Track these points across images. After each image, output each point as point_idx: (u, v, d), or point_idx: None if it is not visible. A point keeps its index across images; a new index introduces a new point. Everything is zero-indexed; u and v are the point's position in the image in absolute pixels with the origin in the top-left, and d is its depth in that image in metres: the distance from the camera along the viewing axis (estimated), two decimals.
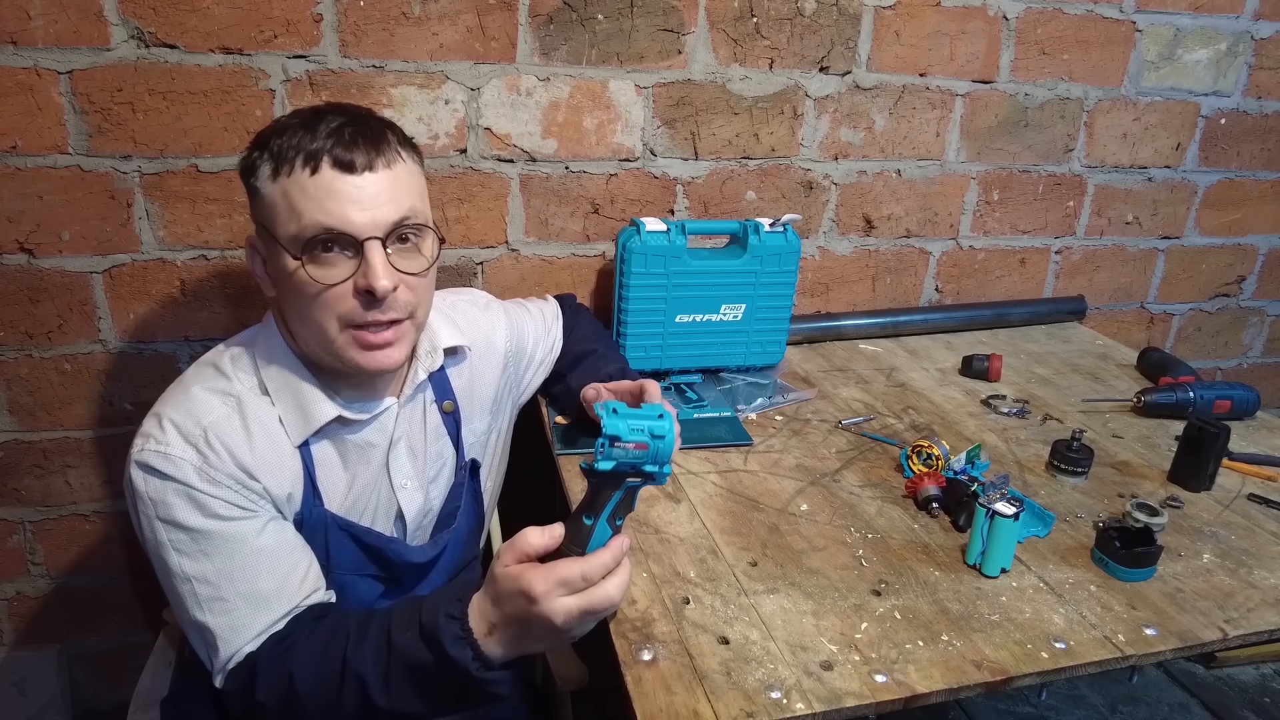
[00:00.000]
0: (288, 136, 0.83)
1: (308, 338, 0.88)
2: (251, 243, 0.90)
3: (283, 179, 0.82)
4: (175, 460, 0.82)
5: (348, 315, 0.84)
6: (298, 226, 0.82)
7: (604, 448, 0.73)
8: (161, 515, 0.83)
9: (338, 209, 0.81)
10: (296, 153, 0.82)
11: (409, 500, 0.99)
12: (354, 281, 0.83)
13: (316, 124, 0.83)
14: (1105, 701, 1.79)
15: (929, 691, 0.78)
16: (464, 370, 1.06)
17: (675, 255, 1.31)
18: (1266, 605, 0.92)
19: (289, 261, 0.83)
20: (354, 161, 0.82)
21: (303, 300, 0.84)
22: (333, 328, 0.85)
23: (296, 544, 0.89)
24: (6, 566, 1.44)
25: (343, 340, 0.86)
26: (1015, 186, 1.70)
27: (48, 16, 1.15)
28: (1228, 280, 1.95)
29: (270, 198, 0.83)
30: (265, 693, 0.80)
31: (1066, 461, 1.15)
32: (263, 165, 0.84)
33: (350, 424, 0.94)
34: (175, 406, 0.86)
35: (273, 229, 0.84)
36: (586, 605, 0.71)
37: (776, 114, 1.49)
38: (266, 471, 0.87)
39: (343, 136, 0.82)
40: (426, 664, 0.76)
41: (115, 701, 1.55)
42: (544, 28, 1.33)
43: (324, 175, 0.81)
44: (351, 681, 0.78)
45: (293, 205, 0.82)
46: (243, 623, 0.82)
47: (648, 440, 0.73)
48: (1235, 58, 1.71)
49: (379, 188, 0.83)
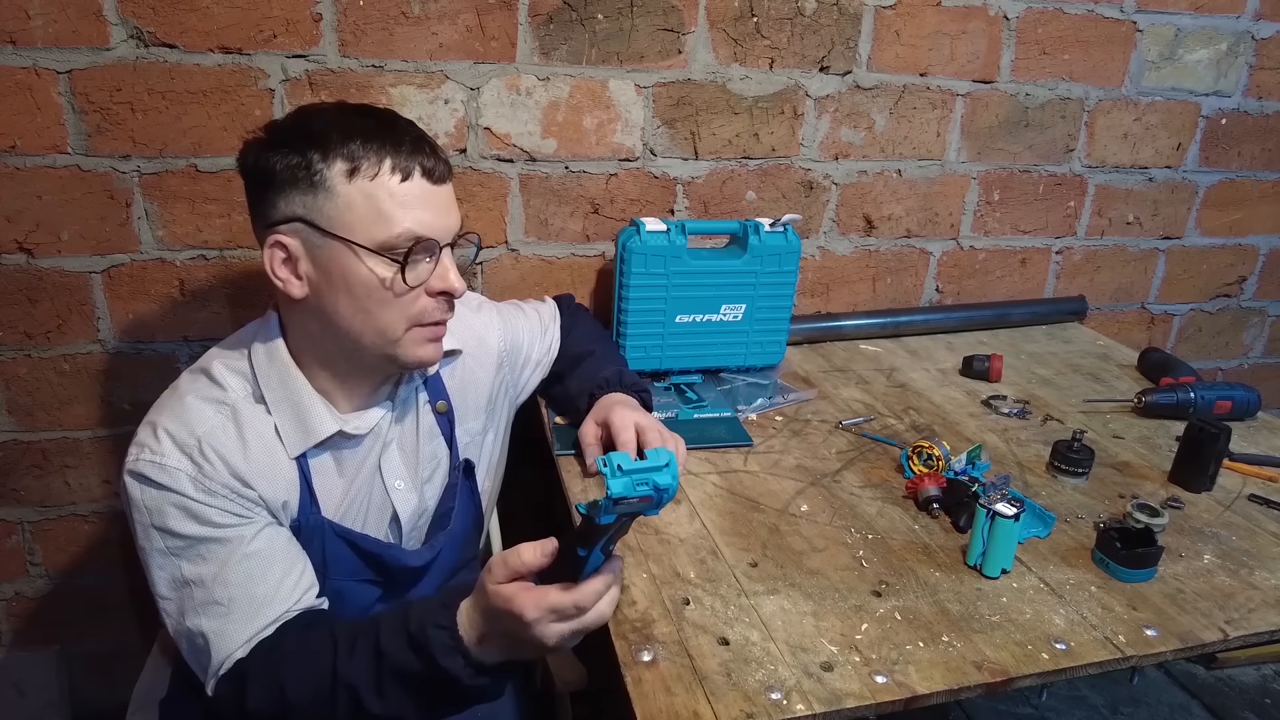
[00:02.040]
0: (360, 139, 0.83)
1: (362, 335, 0.88)
2: (280, 242, 0.85)
3: (362, 180, 0.83)
4: (170, 470, 0.83)
5: (421, 314, 0.89)
6: (390, 232, 0.84)
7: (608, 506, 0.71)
8: (156, 524, 0.83)
9: (428, 217, 0.86)
10: (378, 155, 0.83)
11: (403, 501, 0.99)
12: (429, 284, 0.88)
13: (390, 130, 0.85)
14: (1106, 702, 1.79)
15: (929, 692, 0.78)
16: (457, 371, 1.07)
17: (675, 255, 1.31)
18: (1267, 606, 0.92)
19: (368, 261, 0.84)
20: (438, 172, 0.87)
21: (374, 301, 0.86)
22: (401, 327, 0.88)
23: (290, 549, 0.89)
24: (5, 567, 1.44)
25: (409, 338, 0.90)
26: (1016, 186, 1.70)
27: (47, 16, 1.15)
28: (1228, 280, 1.95)
29: (346, 197, 0.83)
30: (256, 702, 0.80)
31: (1067, 462, 1.15)
32: (328, 164, 0.83)
33: (350, 437, 0.94)
34: (170, 415, 0.86)
35: (347, 231, 0.84)
36: (579, 628, 0.73)
37: (777, 114, 1.49)
38: (262, 479, 0.87)
39: (423, 148, 0.87)
40: (417, 672, 0.76)
41: (114, 702, 1.54)
42: (544, 27, 1.33)
43: (415, 183, 0.85)
44: (343, 691, 0.78)
45: (380, 209, 0.83)
46: (235, 627, 0.82)
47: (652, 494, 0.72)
48: (1236, 58, 1.71)
49: (450, 197, 0.90)
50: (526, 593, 0.72)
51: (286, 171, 0.83)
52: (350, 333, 0.88)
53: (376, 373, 0.95)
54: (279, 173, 0.83)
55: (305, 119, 0.87)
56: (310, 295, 0.87)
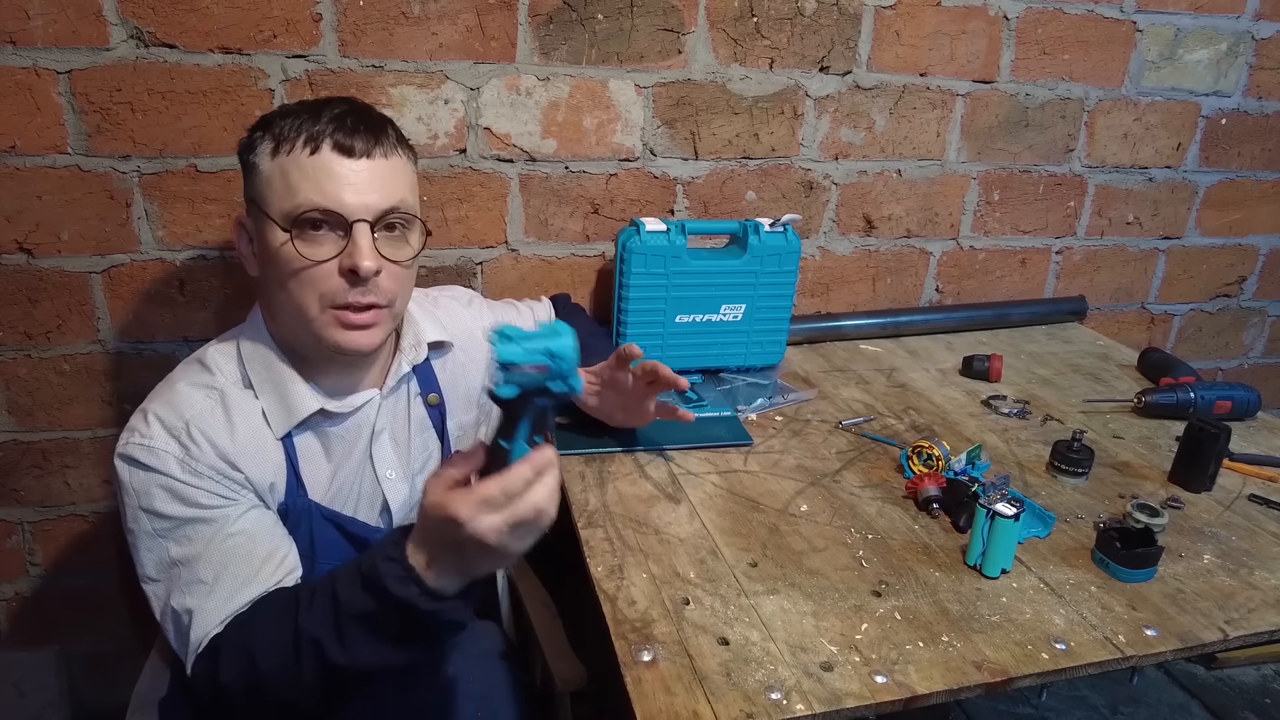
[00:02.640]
0: (291, 119, 0.86)
1: (288, 317, 0.90)
2: (241, 221, 0.93)
3: (281, 156, 0.85)
4: (158, 453, 0.84)
5: (330, 294, 0.87)
6: (291, 203, 0.85)
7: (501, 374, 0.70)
8: (144, 505, 0.84)
9: (332, 189, 0.85)
10: (298, 133, 0.85)
11: (394, 491, 1.00)
12: (339, 261, 0.86)
13: (321, 110, 0.87)
14: (1106, 702, 1.79)
15: (929, 692, 0.77)
16: (448, 364, 1.08)
17: (675, 255, 1.31)
18: (1267, 606, 0.92)
19: (278, 235, 0.86)
20: (353, 146, 0.86)
21: (287, 276, 0.87)
22: (314, 306, 0.87)
23: (275, 531, 0.90)
24: (5, 567, 1.44)
25: (323, 319, 0.88)
26: (1016, 186, 1.70)
27: (47, 16, 1.15)
28: (1228, 280, 1.95)
29: (267, 174, 0.86)
30: (228, 674, 0.80)
31: (1067, 462, 1.15)
32: (263, 143, 0.87)
33: (333, 416, 0.95)
34: (160, 401, 0.88)
35: (266, 205, 0.87)
36: (513, 518, 0.70)
37: (776, 114, 1.49)
38: (249, 461, 0.88)
39: (345, 123, 0.86)
40: (374, 611, 0.75)
41: (114, 702, 1.54)
42: (544, 27, 1.33)
43: (323, 156, 0.85)
44: (306, 645, 0.77)
45: (289, 182, 0.85)
46: (215, 605, 0.83)
47: (547, 361, 0.71)
48: (1236, 58, 1.71)
49: (373, 174, 0.87)
50: (456, 495, 0.70)
51: (245, 156, 0.89)
52: (280, 309, 0.91)
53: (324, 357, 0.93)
54: (244, 158, 0.89)
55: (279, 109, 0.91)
56: (260, 273, 0.91)
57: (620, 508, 1.04)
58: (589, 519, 1.01)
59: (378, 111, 0.92)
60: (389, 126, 0.91)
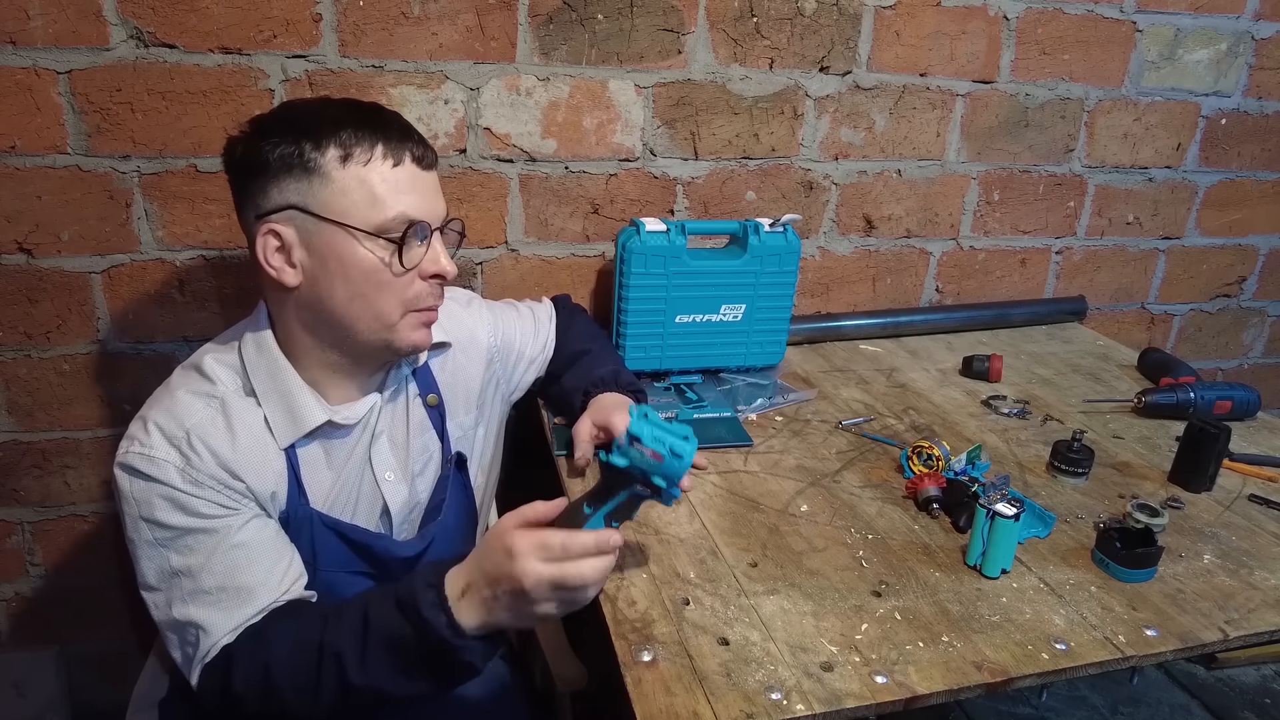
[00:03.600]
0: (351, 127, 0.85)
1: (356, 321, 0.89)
2: (274, 231, 0.85)
3: (356, 166, 0.84)
4: (158, 462, 0.83)
5: (416, 299, 0.90)
6: (384, 215, 0.85)
7: (623, 445, 0.76)
8: (145, 515, 0.84)
9: (421, 201, 0.88)
10: (371, 142, 0.85)
11: (393, 493, 1.00)
12: (422, 267, 0.90)
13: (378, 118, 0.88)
14: (1106, 703, 1.79)
15: (929, 693, 0.78)
16: (447, 364, 1.07)
17: (675, 255, 1.31)
18: (1267, 606, 0.92)
19: (366, 245, 0.85)
20: (427, 158, 0.89)
21: (371, 286, 0.87)
22: (397, 311, 0.90)
23: (279, 540, 0.89)
24: (5, 567, 1.44)
25: (405, 322, 0.91)
26: (1016, 187, 1.70)
27: (47, 16, 1.15)
28: (1228, 281, 1.95)
29: (340, 182, 0.84)
30: (243, 684, 0.80)
31: (1067, 462, 1.15)
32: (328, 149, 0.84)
33: (339, 427, 0.94)
34: (160, 409, 0.87)
35: (343, 215, 0.85)
36: (559, 576, 0.73)
37: (776, 114, 1.49)
38: (250, 471, 0.87)
39: (412, 135, 0.89)
40: (402, 634, 0.77)
41: (114, 702, 1.54)
42: (544, 27, 1.33)
43: (406, 168, 0.87)
44: (329, 660, 0.78)
45: (374, 193, 0.85)
46: (223, 616, 0.83)
47: (665, 454, 0.76)
48: (1236, 58, 1.71)
49: (437, 184, 0.92)
50: (522, 530, 0.75)
51: (279, 160, 0.84)
52: (345, 319, 0.89)
53: (368, 361, 0.95)
54: (272, 162, 0.84)
55: (293, 111, 0.89)
56: (304, 283, 0.88)
57: None
58: None
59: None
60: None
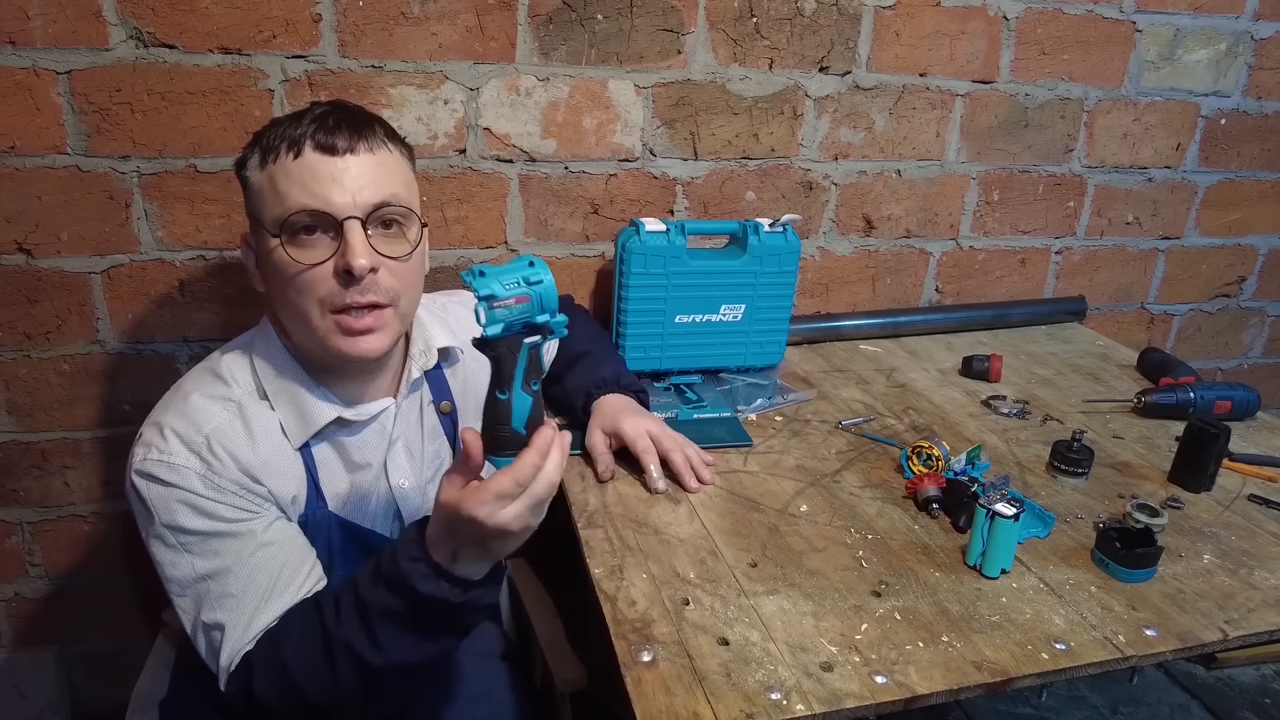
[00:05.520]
0: (276, 128, 0.86)
1: (294, 326, 0.89)
2: (245, 239, 0.93)
3: (269, 166, 0.85)
4: (179, 469, 0.83)
5: (328, 297, 0.84)
6: (280, 208, 0.84)
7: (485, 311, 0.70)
8: (166, 521, 0.83)
9: (319, 189, 0.83)
10: (281, 140, 0.84)
11: (407, 500, 1.00)
12: (334, 262, 0.84)
13: (304, 114, 0.86)
14: (1106, 702, 1.79)
15: (929, 693, 0.77)
16: (459, 371, 1.07)
17: (675, 255, 1.31)
18: (1267, 606, 0.92)
19: (270, 243, 0.85)
20: (335, 144, 0.84)
21: (285, 284, 0.85)
22: (315, 312, 0.85)
23: (300, 542, 0.89)
24: (5, 568, 1.44)
25: (325, 326, 0.86)
26: (1015, 187, 1.70)
27: (46, 16, 1.15)
28: (1228, 281, 1.95)
29: (257, 185, 0.86)
30: (263, 687, 0.81)
31: (1067, 462, 1.15)
32: (252, 157, 0.87)
33: (349, 425, 0.94)
34: (176, 414, 0.86)
35: (259, 216, 0.87)
36: (530, 501, 0.73)
37: (776, 114, 1.49)
38: (271, 475, 0.87)
39: (326, 122, 0.85)
40: (404, 611, 0.76)
41: (114, 703, 1.54)
42: (543, 28, 1.33)
43: (306, 158, 0.83)
44: (340, 651, 0.78)
45: (277, 189, 0.84)
46: (249, 619, 0.83)
47: (526, 290, 0.70)
48: (1235, 58, 1.71)
49: (360, 169, 0.84)
50: (469, 493, 0.72)
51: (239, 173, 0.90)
52: (290, 322, 0.89)
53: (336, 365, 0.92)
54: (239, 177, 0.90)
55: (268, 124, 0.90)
56: (267, 287, 0.91)
57: (620, 508, 1.04)
58: (589, 519, 1.01)
59: (365, 110, 0.91)
60: (376, 123, 0.89)
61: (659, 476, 1.05)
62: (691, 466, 1.07)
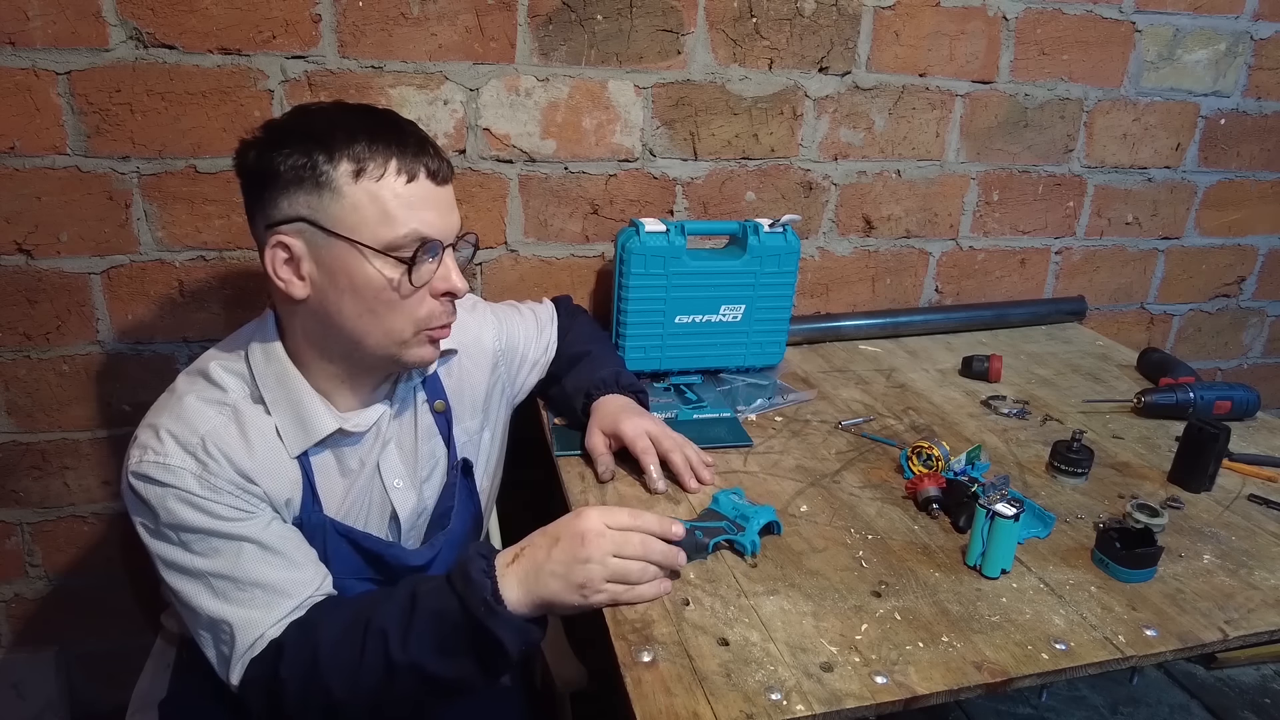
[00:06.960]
0: (366, 140, 0.83)
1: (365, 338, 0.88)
2: (282, 243, 0.84)
3: (368, 182, 0.83)
4: (174, 470, 0.83)
5: (428, 317, 0.90)
6: (395, 232, 0.84)
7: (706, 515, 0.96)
8: (165, 520, 0.83)
9: (434, 218, 0.87)
10: (385, 157, 0.84)
11: (402, 500, 1.00)
12: (433, 285, 0.89)
13: (394, 131, 0.86)
14: (1106, 703, 1.79)
15: (929, 693, 0.77)
16: (453, 370, 1.07)
17: (674, 256, 1.31)
18: (1267, 606, 0.92)
19: (375, 263, 0.85)
20: (442, 173, 0.88)
21: (381, 303, 0.86)
22: (408, 329, 0.89)
23: (301, 539, 0.90)
24: (4, 568, 1.44)
25: (416, 340, 0.91)
26: (1015, 187, 1.70)
27: (46, 17, 1.15)
28: (1228, 281, 1.95)
29: (353, 199, 0.83)
30: (290, 669, 0.80)
31: (1067, 462, 1.15)
32: (329, 164, 0.82)
33: (349, 434, 0.94)
34: (171, 417, 0.86)
35: (353, 231, 0.84)
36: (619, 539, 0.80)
37: (776, 114, 1.49)
38: (266, 477, 0.87)
39: (427, 149, 0.87)
40: (446, 605, 0.79)
41: (113, 703, 1.55)
42: (543, 28, 1.33)
43: (420, 184, 0.86)
44: (374, 638, 0.79)
45: (387, 210, 0.84)
46: (261, 612, 0.83)
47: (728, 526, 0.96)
48: (1235, 58, 1.71)
49: (452, 199, 0.91)
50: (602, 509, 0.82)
51: (291, 172, 0.83)
52: (354, 334, 0.88)
53: (376, 371, 0.95)
54: (283, 173, 0.83)
55: (306, 118, 0.87)
56: (312, 296, 0.87)
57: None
58: None
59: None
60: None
61: (659, 477, 1.05)
62: (691, 467, 1.07)
